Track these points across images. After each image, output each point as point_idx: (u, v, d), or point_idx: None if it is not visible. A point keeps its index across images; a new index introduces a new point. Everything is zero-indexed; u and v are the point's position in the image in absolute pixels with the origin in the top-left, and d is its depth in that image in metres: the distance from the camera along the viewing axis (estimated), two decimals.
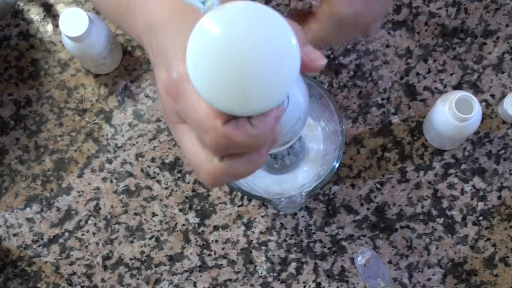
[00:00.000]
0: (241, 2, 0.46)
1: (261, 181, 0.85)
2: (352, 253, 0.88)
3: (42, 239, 0.89)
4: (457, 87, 0.89)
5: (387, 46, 0.90)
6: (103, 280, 0.89)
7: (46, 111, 0.91)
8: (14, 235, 0.90)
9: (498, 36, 0.90)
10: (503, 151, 0.88)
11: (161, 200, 0.89)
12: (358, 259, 0.79)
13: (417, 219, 0.88)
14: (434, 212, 0.88)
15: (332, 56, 0.90)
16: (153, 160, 0.90)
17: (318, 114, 0.84)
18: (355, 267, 0.87)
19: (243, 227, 0.89)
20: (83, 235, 0.89)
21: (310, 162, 0.86)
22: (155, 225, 0.89)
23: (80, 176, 0.90)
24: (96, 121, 0.91)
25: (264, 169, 0.85)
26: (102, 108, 0.91)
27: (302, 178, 0.85)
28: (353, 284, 0.88)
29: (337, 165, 0.78)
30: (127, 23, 0.57)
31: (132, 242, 0.89)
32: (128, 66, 0.91)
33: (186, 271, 0.89)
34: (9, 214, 0.90)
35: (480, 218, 0.88)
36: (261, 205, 0.89)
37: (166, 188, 0.89)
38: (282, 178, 0.85)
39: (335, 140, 0.80)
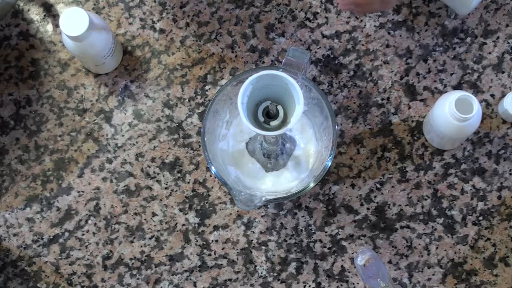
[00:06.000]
0: None
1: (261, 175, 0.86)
2: (352, 253, 0.88)
3: (42, 239, 0.90)
4: (457, 87, 0.89)
5: (387, 46, 0.90)
6: (103, 280, 0.89)
7: (46, 111, 0.91)
8: (14, 235, 0.90)
9: (498, 36, 0.90)
10: (503, 151, 0.88)
11: (161, 200, 0.89)
12: (358, 259, 0.79)
13: (417, 219, 0.88)
14: (434, 212, 0.88)
15: (332, 56, 0.90)
16: (153, 160, 0.90)
17: (312, 115, 0.84)
18: (355, 267, 0.87)
19: (243, 227, 0.89)
20: (83, 235, 0.89)
21: (302, 163, 0.86)
22: (155, 225, 0.89)
23: (80, 176, 0.90)
24: (96, 121, 0.91)
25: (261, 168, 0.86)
26: (102, 108, 0.91)
27: (290, 180, 0.86)
28: (353, 284, 0.88)
29: (329, 164, 0.78)
30: None
31: (132, 242, 0.89)
32: (128, 66, 0.91)
33: (186, 271, 0.89)
34: (9, 214, 0.90)
35: (480, 218, 0.88)
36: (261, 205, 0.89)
37: (166, 188, 0.89)
38: (274, 177, 0.86)
39: (327, 141, 0.80)
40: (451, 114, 0.80)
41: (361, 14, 0.89)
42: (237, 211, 0.89)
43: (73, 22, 0.82)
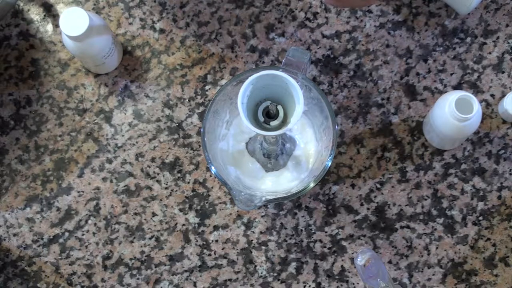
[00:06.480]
0: None
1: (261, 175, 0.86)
2: (352, 253, 0.88)
3: (42, 239, 0.90)
4: (457, 87, 0.89)
5: (387, 46, 0.90)
6: (103, 280, 0.89)
7: (46, 111, 0.91)
8: (14, 235, 0.90)
9: (498, 36, 0.90)
10: (503, 151, 0.88)
11: (161, 200, 0.89)
12: (358, 259, 0.79)
13: (417, 219, 0.88)
14: (434, 212, 0.88)
15: (332, 56, 0.90)
16: (153, 160, 0.90)
17: (312, 115, 0.84)
18: (355, 267, 0.87)
19: (243, 227, 0.89)
20: (83, 235, 0.89)
21: (302, 163, 0.86)
22: (155, 225, 0.89)
23: (80, 176, 0.90)
24: (96, 121, 0.91)
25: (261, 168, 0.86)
26: (102, 108, 0.91)
27: (290, 180, 0.86)
28: (353, 284, 0.88)
29: (329, 164, 0.78)
30: None
31: (132, 242, 0.89)
32: (128, 66, 0.91)
33: (186, 271, 0.89)
34: (9, 214, 0.90)
35: (480, 218, 0.88)
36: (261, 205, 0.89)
37: (166, 188, 0.89)
38: (274, 177, 0.86)
39: (327, 141, 0.80)
40: (451, 114, 0.80)
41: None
42: (237, 211, 0.89)
43: (73, 22, 0.82)
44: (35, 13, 0.93)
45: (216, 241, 0.89)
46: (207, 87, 0.91)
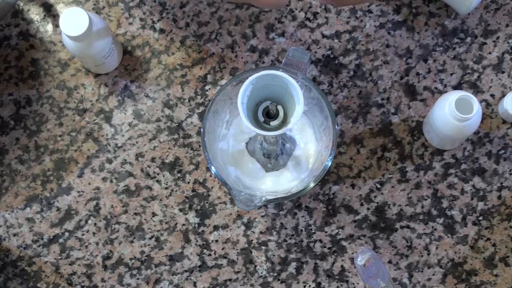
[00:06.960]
0: None
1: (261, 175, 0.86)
2: (352, 253, 0.88)
3: (42, 239, 0.90)
4: (457, 87, 0.89)
5: (387, 46, 0.90)
6: (103, 280, 0.89)
7: (46, 111, 0.91)
8: (14, 235, 0.90)
9: (498, 36, 0.90)
10: (503, 151, 0.88)
11: (161, 200, 0.89)
12: (358, 259, 0.79)
13: (417, 219, 0.88)
14: (434, 212, 0.88)
15: (332, 56, 0.90)
16: (153, 160, 0.90)
17: (312, 115, 0.84)
18: (355, 267, 0.87)
19: (243, 227, 0.89)
20: (83, 235, 0.89)
21: (302, 163, 0.86)
22: (155, 225, 0.89)
23: (80, 176, 0.90)
24: (96, 121, 0.91)
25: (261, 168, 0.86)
26: (102, 108, 0.91)
27: (290, 180, 0.86)
28: (353, 284, 0.88)
29: (329, 164, 0.78)
30: None
31: (132, 242, 0.89)
32: (128, 66, 0.91)
33: (186, 271, 0.89)
34: (9, 214, 0.90)
35: (480, 218, 0.88)
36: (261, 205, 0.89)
37: (166, 188, 0.89)
38: (275, 177, 0.86)
39: (327, 141, 0.80)
40: (451, 114, 0.80)
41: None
42: (237, 211, 0.89)
43: (73, 22, 0.82)
44: (35, 13, 0.93)
45: (216, 241, 0.89)
46: (207, 87, 0.91)
